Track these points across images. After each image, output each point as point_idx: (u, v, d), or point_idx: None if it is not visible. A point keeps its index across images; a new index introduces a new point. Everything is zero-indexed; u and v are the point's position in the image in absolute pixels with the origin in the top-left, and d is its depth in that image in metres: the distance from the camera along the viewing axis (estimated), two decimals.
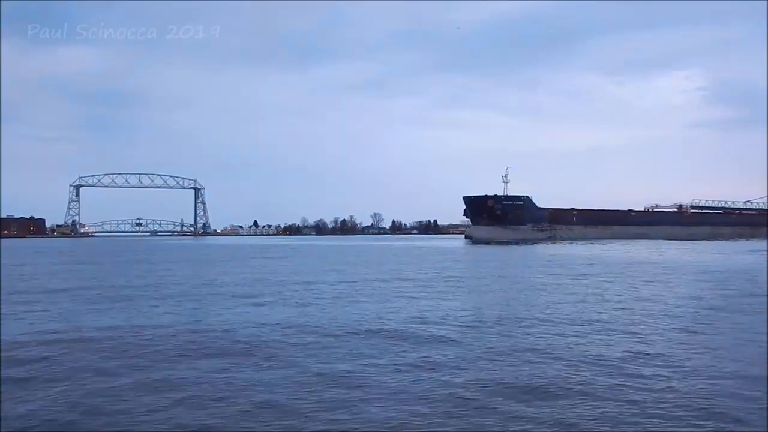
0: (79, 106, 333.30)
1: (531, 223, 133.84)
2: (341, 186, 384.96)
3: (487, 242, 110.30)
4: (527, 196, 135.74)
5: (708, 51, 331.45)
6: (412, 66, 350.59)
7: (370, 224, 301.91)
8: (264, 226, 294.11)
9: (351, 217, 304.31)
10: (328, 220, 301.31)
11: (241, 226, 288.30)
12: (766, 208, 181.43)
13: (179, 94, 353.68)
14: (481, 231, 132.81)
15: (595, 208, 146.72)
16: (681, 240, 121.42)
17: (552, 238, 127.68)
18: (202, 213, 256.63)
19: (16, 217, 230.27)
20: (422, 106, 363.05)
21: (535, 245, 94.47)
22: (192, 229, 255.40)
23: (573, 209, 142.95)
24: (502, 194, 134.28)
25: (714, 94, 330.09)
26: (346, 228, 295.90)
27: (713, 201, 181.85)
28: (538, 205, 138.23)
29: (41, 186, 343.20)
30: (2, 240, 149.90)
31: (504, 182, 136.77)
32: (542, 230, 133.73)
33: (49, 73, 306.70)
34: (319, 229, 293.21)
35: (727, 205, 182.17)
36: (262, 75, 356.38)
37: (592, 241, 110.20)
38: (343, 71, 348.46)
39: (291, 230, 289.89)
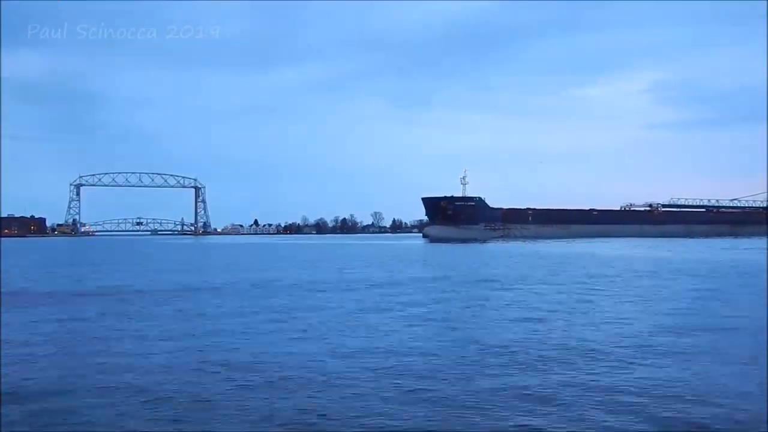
0: (73, 105, 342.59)
1: (484, 222, 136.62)
2: (343, 185, 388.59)
3: (440, 241, 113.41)
4: (479, 197, 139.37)
5: (656, 52, 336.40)
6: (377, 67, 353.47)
7: (370, 223, 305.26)
8: (264, 225, 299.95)
9: (351, 215, 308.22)
10: (329, 219, 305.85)
11: (241, 225, 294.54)
12: (750, 206, 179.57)
13: (178, 93, 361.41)
14: (436, 230, 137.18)
15: (553, 208, 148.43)
16: (651, 238, 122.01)
17: (505, 237, 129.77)
18: (203, 212, 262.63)
19: (16, 216, 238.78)
20: (420, 104, 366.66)
21: (482, 243, 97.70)
22: (192, 228, 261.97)
23: (528, 209, 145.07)
24: (456, 195, 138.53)
25: (664, 96, 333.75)
26: (346, 227, 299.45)
27: (695, 200, 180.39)
28: (495, 206, 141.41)
29: (42, 185, 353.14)
30: (2, 239, 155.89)
31: (462, 184, 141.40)
32: (495, 229, 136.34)
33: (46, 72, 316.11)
34: (320, 227, 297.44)
35: (710, 204, 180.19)
36: (256, 74, 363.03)
37: (547, 240, 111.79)
38: (324, 70, 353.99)
39: (291, 229, 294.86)
